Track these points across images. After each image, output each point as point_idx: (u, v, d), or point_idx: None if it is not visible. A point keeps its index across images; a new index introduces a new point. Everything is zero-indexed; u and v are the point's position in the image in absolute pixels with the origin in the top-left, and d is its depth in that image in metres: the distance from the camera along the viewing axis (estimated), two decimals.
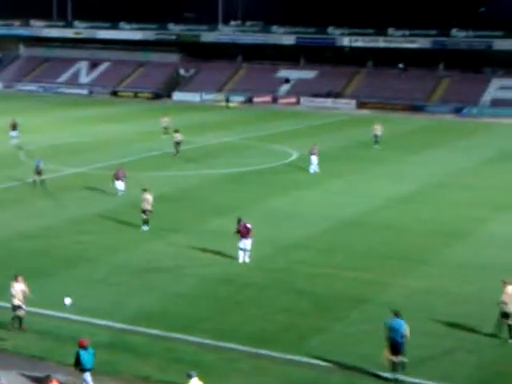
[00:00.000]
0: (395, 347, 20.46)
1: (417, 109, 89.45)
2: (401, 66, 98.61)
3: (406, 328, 20.59)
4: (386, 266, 30.46)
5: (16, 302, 23.36)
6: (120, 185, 41.40)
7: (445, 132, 74.33)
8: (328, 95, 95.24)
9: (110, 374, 20.51)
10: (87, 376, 19.49)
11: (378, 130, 62.01)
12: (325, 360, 21.53)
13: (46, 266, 29.24)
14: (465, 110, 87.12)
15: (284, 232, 35.17)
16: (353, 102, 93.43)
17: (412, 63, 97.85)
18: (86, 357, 19.40)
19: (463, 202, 42.37)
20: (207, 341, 22.63)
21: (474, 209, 40.63)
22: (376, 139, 61.29)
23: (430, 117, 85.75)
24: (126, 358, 21.53)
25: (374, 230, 36.22)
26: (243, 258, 30.48)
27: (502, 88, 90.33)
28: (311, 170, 49.89)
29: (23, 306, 23.33)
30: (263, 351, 21.98)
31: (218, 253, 31.58)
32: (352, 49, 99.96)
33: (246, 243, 30.36)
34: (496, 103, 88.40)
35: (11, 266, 29.13)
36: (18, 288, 23.48)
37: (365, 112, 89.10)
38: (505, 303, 23.11)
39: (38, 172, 43.48)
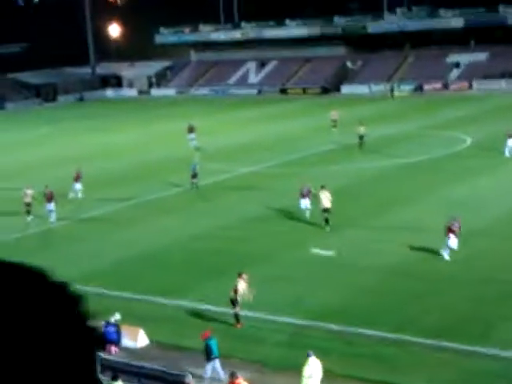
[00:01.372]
0: None
1: None
2: None
3: None
4: None
5: (236, 297, 24.07)
6: (305, 203, 36.62)
7: None
8: (502, 76, 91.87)
9: (291, 370, 20.69)
10: (217, 363, 20.36)
11: None
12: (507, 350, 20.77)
13: (222, 265, 29.82)
14: None
15: (464, 220, 34.12)
16: None
17: None
18: (214, 346, 20.43)
19: None
20: (388, 334, 22.36)
21: None
22: None
23: None
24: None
25: None
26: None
27: None
28: (507, 154, 48.10)
29: (237, 303, 24.01)
30: (446, 343, 21.44)
31: (397, 244, 31.26)
32: None
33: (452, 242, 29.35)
34: None
35: (190, 267, 30.19)
36: (241, 286, 24.16)
37: None
38: None
39: (194, 175, 44.44)
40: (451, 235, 29.17)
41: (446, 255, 29.32)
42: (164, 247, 33.30)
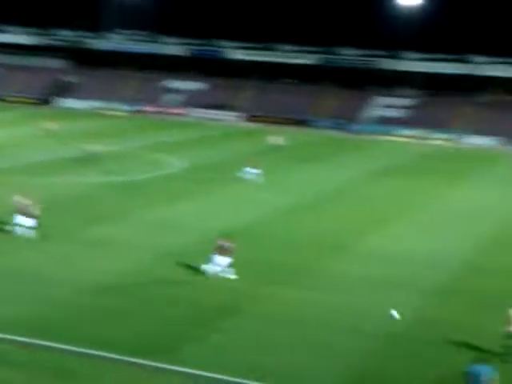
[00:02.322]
0: None
1: (303, 123, 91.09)
2: (289, 80, 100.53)
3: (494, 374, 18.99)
4: (266, 277, 30.79)
5: None
6: (24, 220, 34.48)
7: (329, 147, 76.02)
8: (217, 107, 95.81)
9: None
10: None
11: (278, 140, 66.56)
12: (196, 369, 21.58)
13: None
14: (349, 126, 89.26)
15: (165, 240, 35.30)
16: (242, 115, 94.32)
17: (299, 78, 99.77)
18: None
19: (346, 214, 43.36)
20: (74, 348, 22.26)
21: (355, 221, 41.76)
22: (276, 149, 65.44)
23: (315, 131, 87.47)
24: None
25: (257, 240, 36.66)
26: (222, 274, 30.08)
27: (385, 106, 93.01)
28: (257, 180, 51.17)
29: None
30: (135, 359, 21.92)
31: (96, 261, 31.50)
32: (242, 62, 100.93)
33: (223, 260, 30.16)
34: (378, 121, 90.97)
35: None
36: None
37: (253, 125, 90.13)
38: None
39: None
40: (218, 254, 30.03)
41: (210, 271, 30.09)
42: None
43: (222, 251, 30.20)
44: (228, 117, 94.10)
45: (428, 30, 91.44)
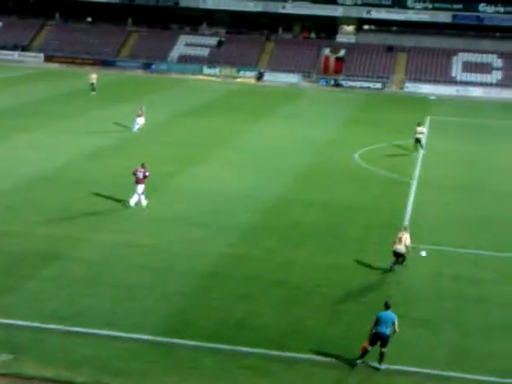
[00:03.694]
0: (383, 340, 19.40)
1: (107, 64, 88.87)
2: (89, 19, 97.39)
3: (396, 321, 19.57)
4: (78, 222, 30.18)
5: None
6: None
7: (135, 87, 74.57)
8: (14, 48, 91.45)
9: None
10: None
11: (94, 78, 66.40)
12: (15, 319, 21.04)
13: None
14: (153, 66, 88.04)
15: None
16: (41, 56, 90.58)
17: (100, 17, 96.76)
18: None
19: (155, 156, 42.82)
20: None
21: (164, 163, 41.24)
22: (93, 87, 65.64)
23: (120, 72, 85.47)
24: None
25: (65, 185, 35.61)
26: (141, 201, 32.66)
27: (188, 45, 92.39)
28: (135, 130, 49.76)
29: None
30: None
31: None
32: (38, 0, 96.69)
33: (140, 188, 32.43)
34: (183, 59, 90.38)
35: None
36: None
37: (53, 66, 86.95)
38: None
39: None
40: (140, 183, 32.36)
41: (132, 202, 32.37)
42: None
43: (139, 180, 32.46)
44: (25, 58, 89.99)
45: None
